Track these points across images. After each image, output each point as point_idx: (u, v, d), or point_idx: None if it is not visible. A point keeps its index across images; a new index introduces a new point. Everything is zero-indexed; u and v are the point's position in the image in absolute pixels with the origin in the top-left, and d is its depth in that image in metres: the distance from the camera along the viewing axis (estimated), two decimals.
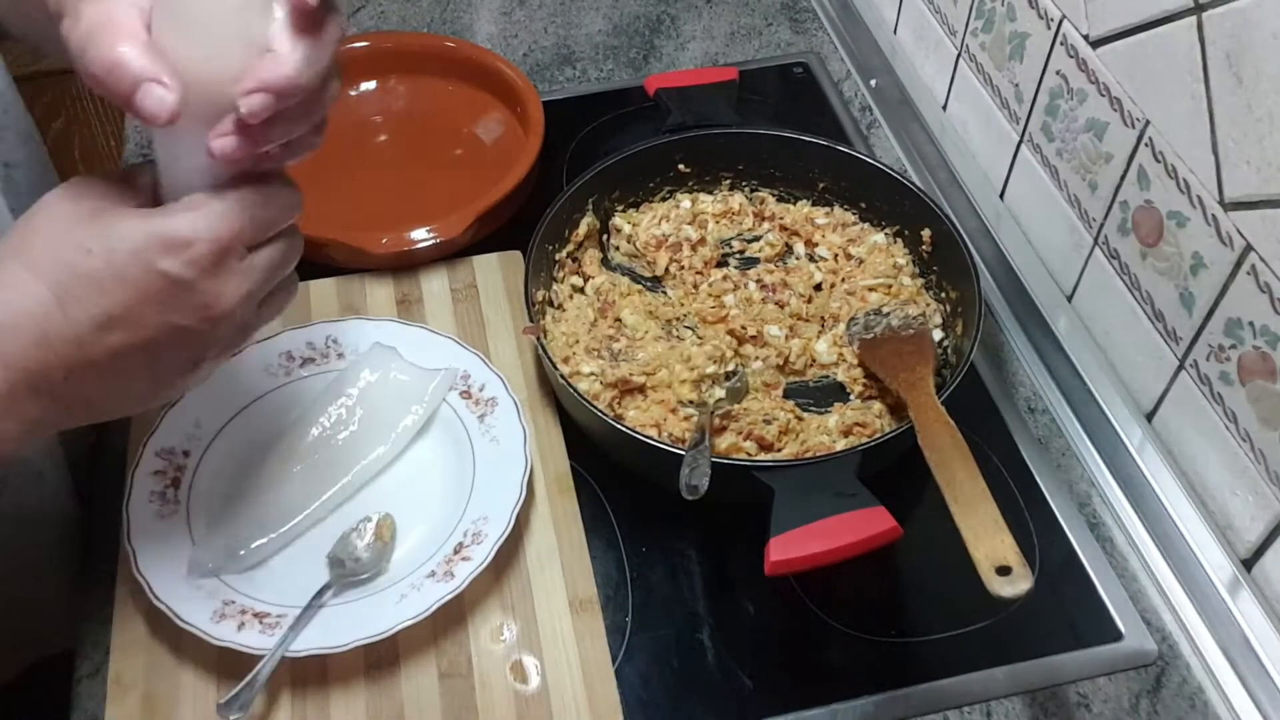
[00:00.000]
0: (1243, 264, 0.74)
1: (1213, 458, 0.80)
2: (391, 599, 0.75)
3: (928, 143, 1.11)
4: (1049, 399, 0.93)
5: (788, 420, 0.85)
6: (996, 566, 0.63)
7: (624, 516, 0.85)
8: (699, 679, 0.77)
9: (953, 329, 0.91)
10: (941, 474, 0.70)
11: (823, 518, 0.70)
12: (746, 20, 1.29)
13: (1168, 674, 0.78)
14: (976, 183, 1.06)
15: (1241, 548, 0.79)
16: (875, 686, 0.76)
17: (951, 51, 1.09)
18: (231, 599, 0.75)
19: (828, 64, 1.24)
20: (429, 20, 1.28)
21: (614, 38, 1.27)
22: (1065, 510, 0.86)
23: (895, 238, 0.98)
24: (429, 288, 0.97)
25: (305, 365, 0.89)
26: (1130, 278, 0.86)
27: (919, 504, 0.84)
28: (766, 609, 0.81)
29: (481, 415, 0.85)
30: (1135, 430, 0.87)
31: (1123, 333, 0.89)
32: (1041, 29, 0.93)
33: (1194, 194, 0.77)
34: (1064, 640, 0.78)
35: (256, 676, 0.71)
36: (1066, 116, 0.91)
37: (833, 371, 0.91)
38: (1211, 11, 0.72)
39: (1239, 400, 0.76)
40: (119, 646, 0.76)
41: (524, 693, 0.74)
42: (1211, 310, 0.78)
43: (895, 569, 0.83)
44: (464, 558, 0.77)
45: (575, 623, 0.77)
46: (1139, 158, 0.83)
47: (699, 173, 1.02)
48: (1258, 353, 0.74)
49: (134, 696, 0.74)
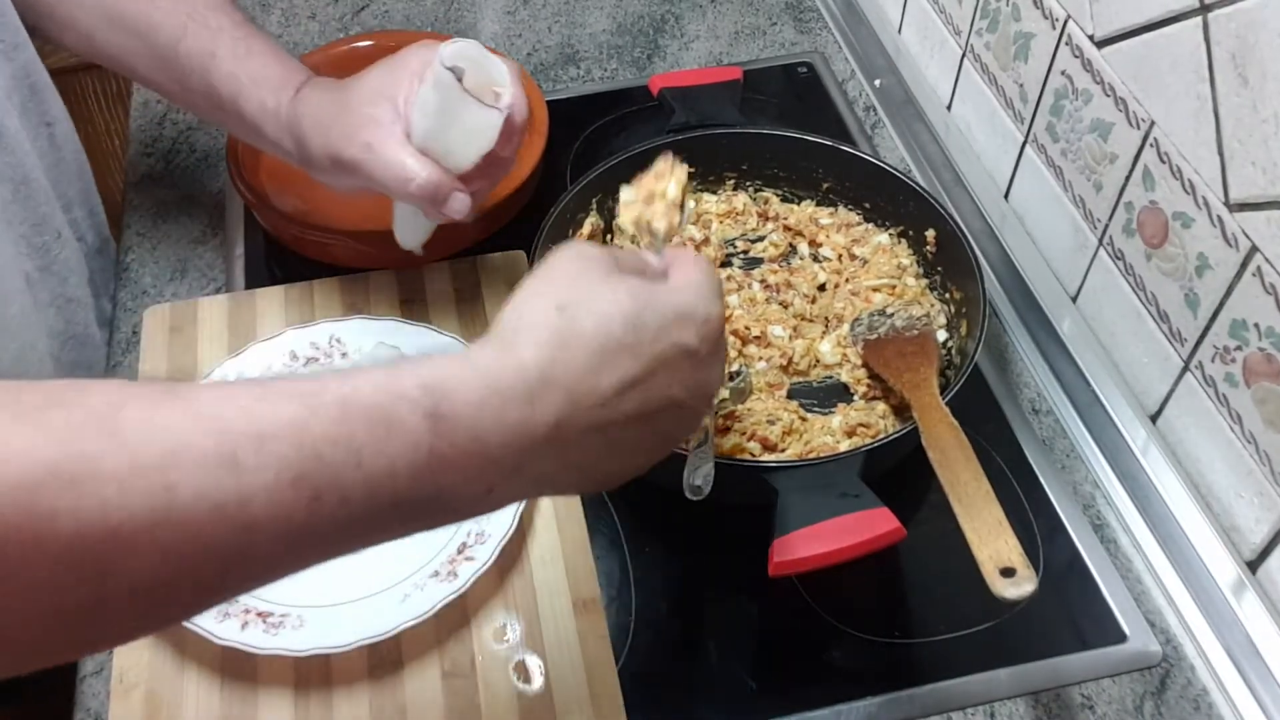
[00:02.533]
0: (1248, 265, 0.73)
1: (1217, 459, 0.80)
2: (394, 599, 0.75)
3: (932, 143, 1.11)
4: (1053, 400, 0.93)
5: (791, 421, 0.85)
6: (1000, 568, 0.63)
7: (627, 517, 0.85)
8: (702, 680, 0.77)
9: (957, 330, 0.91)
10: (945, 475, 0.69)
11: (826, 519, 0.70)
12: (751, 20, 1.29)
13: (1172, 676, 0.78)
14: (981, 183, 1.06)
15: (1246, 550, 0.79)
16: (879, 688, 0.76)
17: (956, 51, 1.09)
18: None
19: (832, 64, 1.23)
20: (433, 19, 1.28)
21: (618, 37, 1.27)
22: (1069, 512, 0.85)
23: (899, 238, 0.98)
24: (432, 287, 0.97)
25: (309, 364, 0.89)
26: (1135, 279, 0.86)
27: (923, 505, 0.83)
28: (770, 610, 0.81)
29: None
30: (1140, 432, 0.86)
31: (1127, 334, 0.89)
32: (1046, 29, 0.93)
33: (1199, 195, 0.77)
34: (1068, 642, 0.78)
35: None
36: (1071, 117, 0.91)
37: (836, 372, 0.91)
38: (1217, 12, 0.72)
39: (1244, 402, 0.76)
40: (122, 646, 0.76)
41: (527, 693, 0.74)
42: (1216, 311, 0.77)
43: (899, 570, 0.83)
44: (467, 558, 0.77)
45: (578, 623, 0.77)
46: (1144, 158, 0.83)
47: (703, 173, 1.02)
48: (1263, 354, 0.74)
49: (137, 695, 0.74)
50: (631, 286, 0.55)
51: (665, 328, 0.55)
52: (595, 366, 0.52)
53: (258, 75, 0.82)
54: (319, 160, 0.80)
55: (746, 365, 0.90)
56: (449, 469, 0.48)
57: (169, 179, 1.11)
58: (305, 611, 0.75)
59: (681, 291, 0.57)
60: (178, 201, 1.08)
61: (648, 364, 0.54)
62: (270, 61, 0.83)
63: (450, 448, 0.48)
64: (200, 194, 1.09)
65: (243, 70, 0.83)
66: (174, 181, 1.11)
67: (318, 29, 1.27)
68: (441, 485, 0.49)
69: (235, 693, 0.74)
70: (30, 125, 0.91)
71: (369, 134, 0.77)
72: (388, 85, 0.79)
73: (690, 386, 0.56)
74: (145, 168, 1.12)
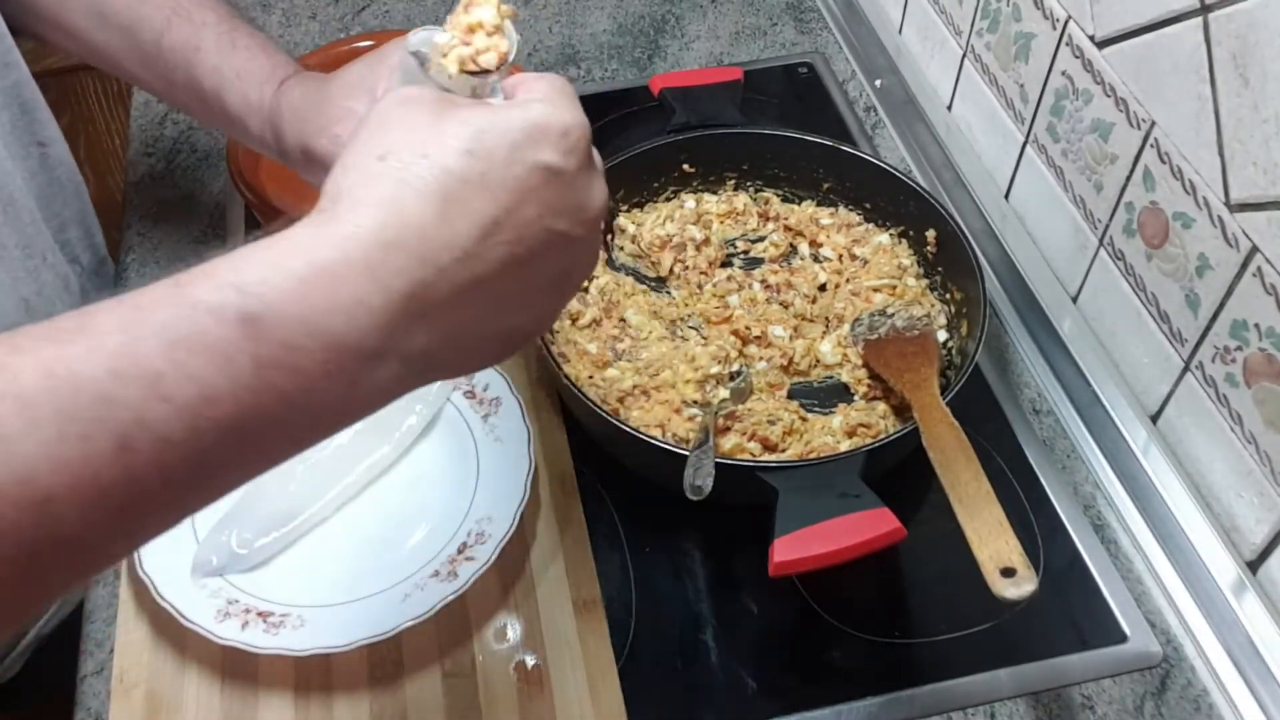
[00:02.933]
0: (1248, 266, 0.73)
1: (1218, 460, 0.80)
2: (395, 598, 0.75)
3: (932, 143, 1.11)
4: (1054, 400, 0.93)
5: (792, 421, 0.85)
6: (1001, 568, 0.63)
7: (628, 517, 0.85)
8: (703, 680, 0.77)
9: (957, 330, 0.91)
10: (946, 475, 0.69)
11: (827, 519, 0.70)
12: (751, 20, 1.29)
13: (1172, 676, 0.78)
14: (981, 183, 1.06)
15: (1246, 550, 0.79)
16: (879, 688, 0.76)
17: (956, 52, 1.09)
18: (235, 598, 0.75)
19: (832, 64, 1.23)
20: (434, 19, 1.28)
21: (619, 37, 1.27)
22: (1070, 512, 0.85)
23: (900, 238, 0.98)
24: None
25: None
26: (1135, 279, 0.86)
27: (923, 505, 0.83)
28: (770, 610, 0.81)
29: (485, 415, 0.85)
30: (1140, 432, 0.86)
31: (1128, 334, 0.89)
32: (1047, 29, 0.93)
33: (1200, 195, 0.77)
34: (1068, 642, 0.78)
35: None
36: (1072, 117, 0.91)
37: (837, 372, 0.91)
38: (1218, 12, 0.72)
39: (1244, 402, 0.76)
40: (123, 645, 0.76)
41: (528, 693, 0.74)
42: (1217, 312, 0.77)
43: (899, 570, 0.83)
44: (468, 558, 0.77)
45: (579, 623, 0.77)
46: (1145, 159, 0.83)
47: (703, 173, 1.02)
48: (1263, 355, 0.74)
49: (138, 695, 0.74)
50: (465, 115, 0.47)
51: (516, 148, 0.46)
52: (440, 215, 0.44)
53: (242, 69, 0.81)
54: (293, 153, 0.78)
55: (747, 365, 0.90)
56: (286, 373, 0.41)
57: (170, 179, 1.11)
58: (306, 611, 0.75)
59: (528, 106, 0.48)
60: (178, 201, 1.08)
61: (506, 197, 0.46)
62: (256, 55, 0.82)
63: (279, 348, 0.41)
64: (200, 194, 1.09)
65: (227, 64, 0.81)
66: (174, 181, 1.11)
67: (318, 29, 1.27)
68: (285, 392, 0.41)
69: (236, 693, 0.74)
70: (19, 145, 0.89)
71: (342, 126, 0.74)
72: (367, 78, 0.76)
73: (567, 211, 0.48)
74: (146, 168, 1.12)
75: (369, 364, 0.43)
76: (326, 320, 0.42)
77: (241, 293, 0.40)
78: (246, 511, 0.79)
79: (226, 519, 0.79)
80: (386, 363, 0.44)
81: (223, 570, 0.77)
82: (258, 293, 0.41)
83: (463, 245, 0.45)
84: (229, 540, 0.77)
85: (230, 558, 0.77)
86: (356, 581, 0.77)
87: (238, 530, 0.78)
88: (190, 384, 0.39)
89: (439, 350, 0.46)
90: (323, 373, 0.42)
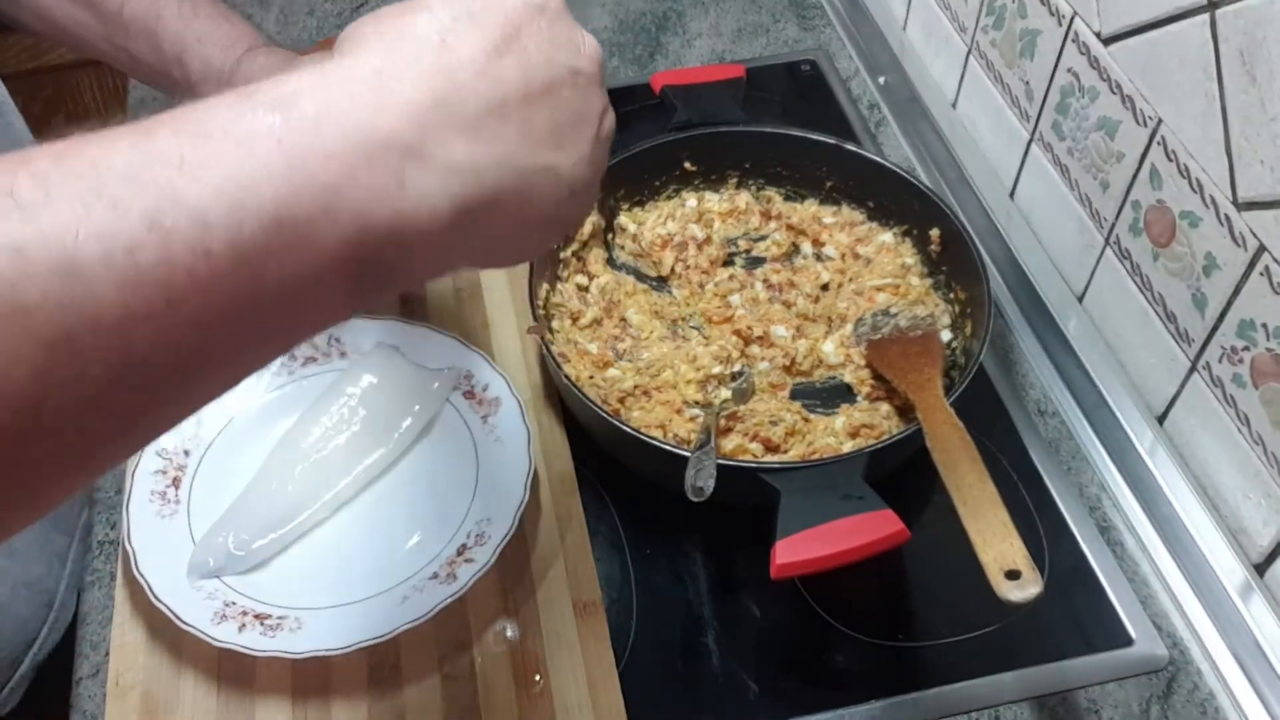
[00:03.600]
0: (1256, 265, 0.73)
1: (1225, 461, 0.80)
2: (393, 600, 0.75)
3: (937, 141, 1.11)
4: (1059, 401, 0.93)
5: (794, 421, 0.84)
6: (1005, 570, 0.63)
7: (628, 518, 0.84)
8: (704, 682, 0.76)
9: (961, 330, 0.90)
10: (950, 476, 0.69)
11: (829, 520, 0.70)
12: (754, 17, 1.28)
13: (1179, 680, 0.77)
14: (986, 182, 1.05)
15: (1254, 552, 0.78)
16: (882, 691, 0.75)
17: (961, 49, 1.08)
18: (232, 600, 0.74)
19: (836, 61, 1.23)
20: None
21: (620, 34, 1.26)
22: (1075, 514, 0.85)
23: (903, 237, 0.97)
24: (432, 287, 0.97)
25: (307, 364, 0.88)
26: (1142, 278, 0.86)
27: (927, 507, 0.83)
28: (772, 612, 0.80)
29: (485, 416, 0.85)
30: (1146, 433, 0.86)
31: (1134, 334, 0.88)
32: (1053, 26, 0.92)
33: (1207, 194, 0.76)
34: (1074, 645, 0.78)
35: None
36: (1078, 115, 0.91)
37: (840, 372, 0.91)
38: (1225, 9, 0.71)
39: (1252, 403, 0.75)
40: (119, 647, 0.76)
41: (527, 696, 0.74)
42: (1224, 312, 0.77)
43: (902, 572, 0.82)
44: (467, 559, 0.76)
45: (579, 625, 0.77)
46: (1151, 157, 0.82)
47: (705, 171, 1.01)
48: (1271, 355, 0.73)
49: (134, 698, 0.73)
50: None
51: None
52: (442, 43, 0.45)
53: (204, 34, 0.80)
54: None
55: (749, 365, 0.90)
56: (324, 161, 0.39)
57: None
58: (303, 613, 0.74)
59: None
60: None
61: (500, 27, 0.46)
62: (219, 22, 0.82)
63: (314, 137, 0.39)
64: None
65: (189, 29, 0.80)
66: None
67: (315, 25, 1.26)
68: (326, 184, 0.39)
69: (232, 695, 0.73)
70: None
71: None
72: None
73: (563, 44, 0.49)
74: None
75: (413, 159, 0.42)
76: (355, 114, 0.41)
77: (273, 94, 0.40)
78: (244, 513, 0.79)
79: (223, 520, 0.78)
80: (429, 166, 0.42)
81: (220, 572, 0.76)
82: (278, 93, 0.40)
83: (474, 63, 0.45)
84: (226, 542, 0.77)
85: (227, 559, 0.76)
86: (355, 583, 0.77)
87: (235, 532, 0.77)
88: (217, 169, 0.37)
89: (482, 162, 0.44)
90: (368, 163, 0.40)
